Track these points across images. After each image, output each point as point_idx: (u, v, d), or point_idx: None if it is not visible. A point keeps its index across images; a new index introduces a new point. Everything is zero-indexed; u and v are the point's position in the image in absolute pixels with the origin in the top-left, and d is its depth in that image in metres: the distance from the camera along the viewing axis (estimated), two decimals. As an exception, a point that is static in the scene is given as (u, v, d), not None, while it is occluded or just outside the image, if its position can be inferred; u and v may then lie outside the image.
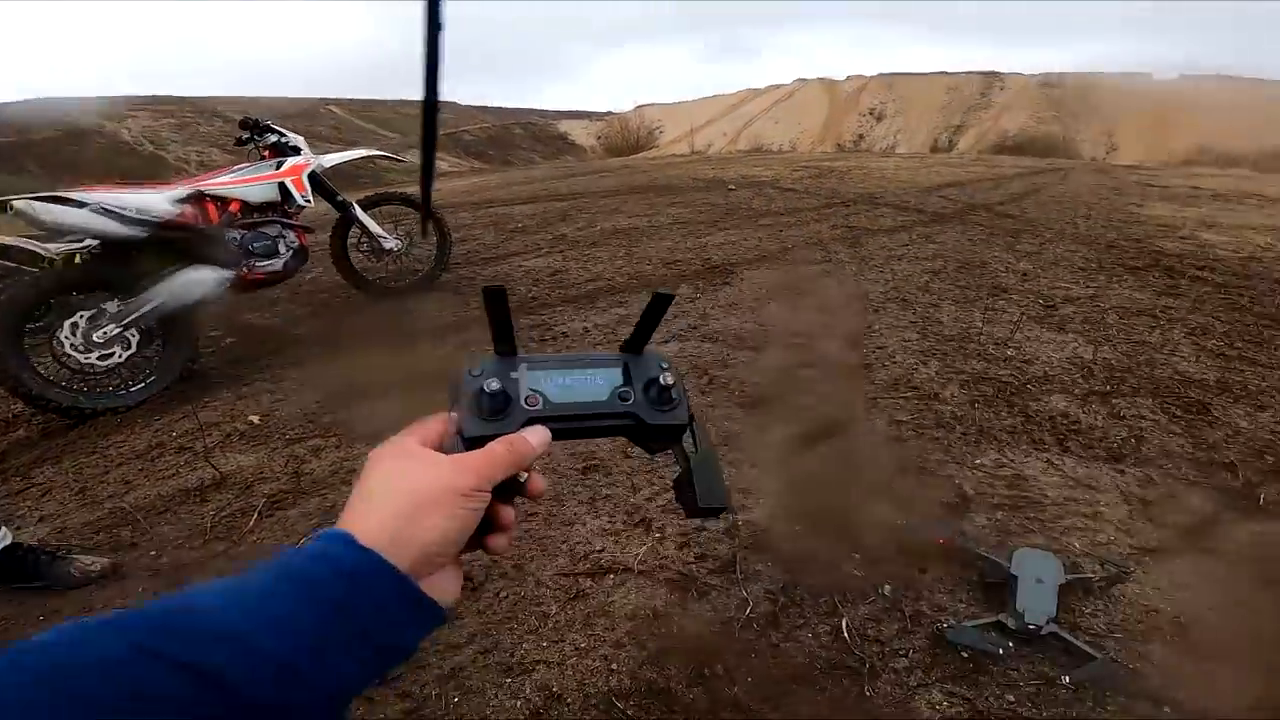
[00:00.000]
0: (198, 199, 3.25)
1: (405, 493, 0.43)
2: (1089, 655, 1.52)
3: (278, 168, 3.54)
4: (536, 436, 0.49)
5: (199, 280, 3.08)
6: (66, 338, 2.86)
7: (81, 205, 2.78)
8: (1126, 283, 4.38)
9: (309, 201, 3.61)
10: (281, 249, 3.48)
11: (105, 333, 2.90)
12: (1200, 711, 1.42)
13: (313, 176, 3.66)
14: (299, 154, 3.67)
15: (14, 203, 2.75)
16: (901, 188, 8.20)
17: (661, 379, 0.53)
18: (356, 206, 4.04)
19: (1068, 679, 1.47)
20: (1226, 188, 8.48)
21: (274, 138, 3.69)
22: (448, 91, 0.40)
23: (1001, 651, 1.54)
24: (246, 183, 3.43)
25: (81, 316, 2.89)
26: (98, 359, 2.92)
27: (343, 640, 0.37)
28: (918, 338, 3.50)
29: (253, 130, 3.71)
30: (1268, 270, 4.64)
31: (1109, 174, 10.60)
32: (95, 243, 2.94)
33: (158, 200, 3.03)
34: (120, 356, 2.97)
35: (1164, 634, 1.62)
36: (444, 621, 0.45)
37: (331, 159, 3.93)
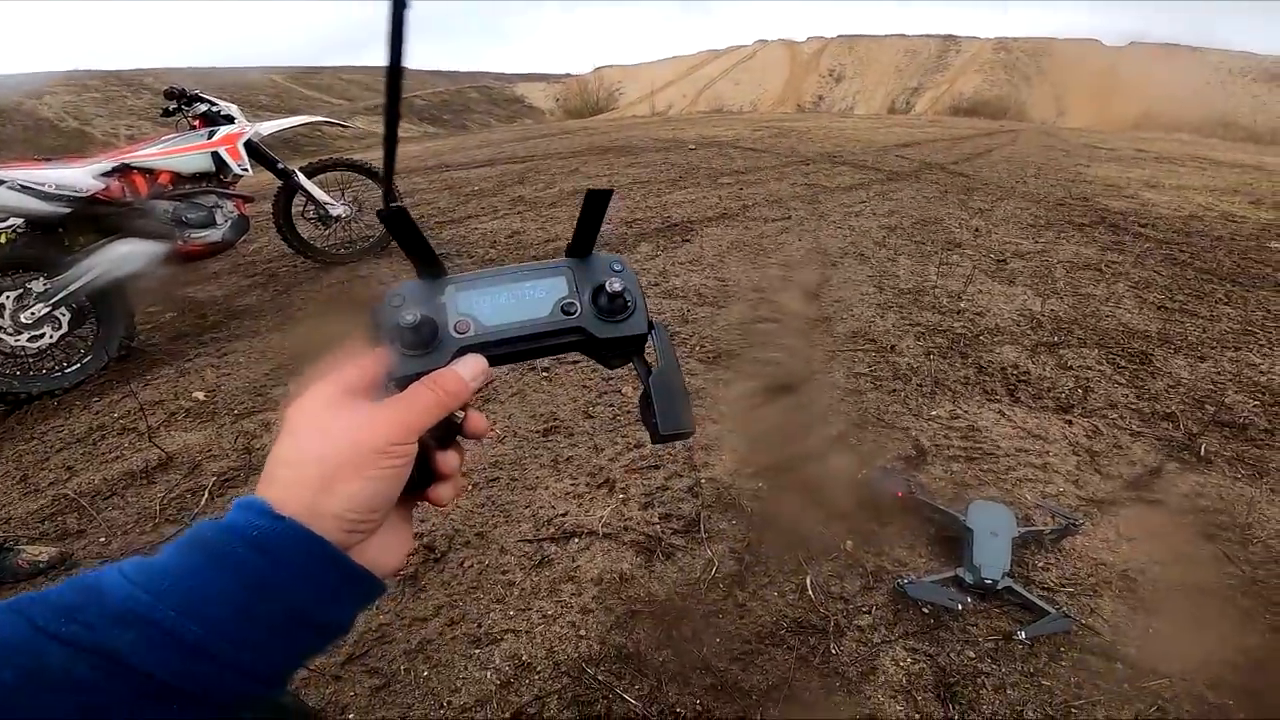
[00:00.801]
0: (123, 172, 3.12)
1: (314, 459, 0.38)
2: (1043, 610, 1.56)
3: (210, 137, 3.41)
4: (470, 368, 0.43)
5: (129, 254, 2.97)
6: None
7: None
8: (1073, 239, 4.49)
9: (246, 170, 3.49)
10: (219, 219, 3.36)
11: (33, 313, 2.80)
12: (1151, 669, 1.46)
13: (250, 145, 3.55)
14: (233, 123, 3.55)
15: None
16: (860, 147, 8.23)
17: (609, 285, 0.46)
18: (299, 173, 3.92)
19: (1024, 634, 1.51)
20: (1170, 151, 8.75)
21: (204, 107, 3.55)
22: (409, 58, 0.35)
23: (960, 607, 1.58)
24: (176, 153, 3.30)
25: (7, 297, 2.78)
26: (28, 341, 2.82)
27: (260, 616, 0.35)
28: (875, 291, 3.55)
29: (179, 100, 3.55)
30: (1208, 228, 4.81)
31: (1058, 136, 10.82)
32: (20, 222, 2.82)
33: (79, 175, 2.92)
34: (51, 337, 2.88)
35: (1113, 588, 1.67)
36: (384, 591, 0.41)
37: (270, 126, 3.80)
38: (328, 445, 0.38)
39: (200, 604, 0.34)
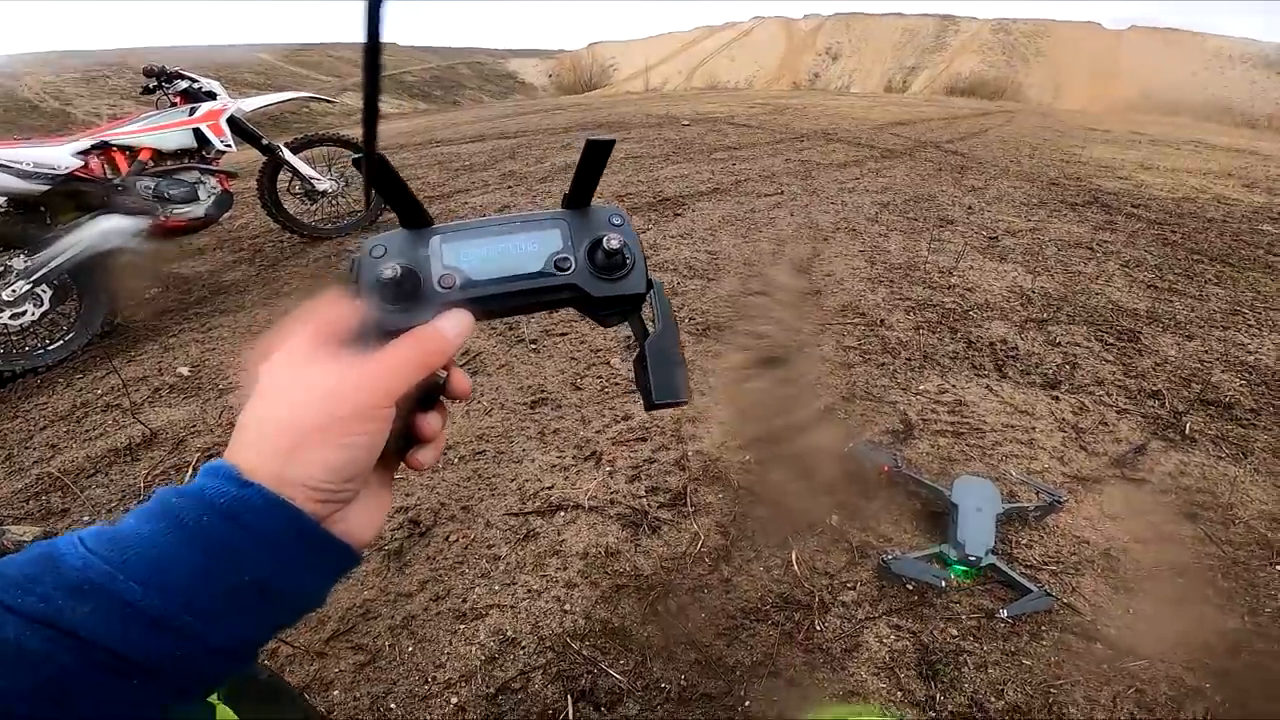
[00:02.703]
0: (103, 149, 3.11)
1: (284, 423, 0.36)
2: (1025, 588, 1.56)
3: (191, 114, 3.39)
4: (453, 326, 0.40)
5: (109, 230, 2.95)
6: None
7: None
8: (1066, 218, 4.47)
9: (229, 146, 3.48)
10: (202, 194, 3.35)
11: (14, 290, 2.78)
12: (1130, 649, 1.47)
13: (233, 121, 3.53)
14: (215, 99, 3.52)
15: None
16: (855, 125, 8.16)
17: (607, 241, 0.43)
18: (284, 149, 3.89)
19: (1005, 613, 1.52)
20: (1166, 134, 8.70)
21: (184, 84, 3.52)
22: (388, 31, 0.33)
23: (943, 584, 1.58)
24: (157, 130, 3.28)
25: None
26: (10, 318, 2.81)
27: (226, 588, 0.33)
28: (866, 266, 3.54)
29: (159, 78, 3.51)
30: (1200, 210, 4.79)
31: (1054, 117, 10.76)
32: (3, 200, 2.82)
33: (58, 153, 2.89)
34: (33, 314, 2.86)
35: (1095, 567, 1.68)
36: (358, 562, 0.40)
37: (253, 103, 3.78)
38: (297, 409, 0.36)
39: (162, 574, 0.32)
